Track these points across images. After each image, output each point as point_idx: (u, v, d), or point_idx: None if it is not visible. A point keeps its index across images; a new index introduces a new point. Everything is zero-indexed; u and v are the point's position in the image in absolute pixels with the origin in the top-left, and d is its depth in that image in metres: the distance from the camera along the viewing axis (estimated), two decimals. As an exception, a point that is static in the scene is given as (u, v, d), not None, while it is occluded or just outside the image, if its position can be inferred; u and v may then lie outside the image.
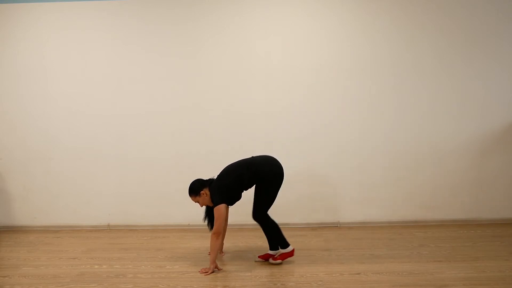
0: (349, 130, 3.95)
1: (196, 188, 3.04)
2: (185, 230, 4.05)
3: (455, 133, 3.91)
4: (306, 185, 4.02)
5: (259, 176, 2.99)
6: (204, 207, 3.20)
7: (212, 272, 2.92)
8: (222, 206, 2.92)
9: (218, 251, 3.02)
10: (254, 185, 3.04)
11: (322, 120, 3.95)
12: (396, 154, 3.95)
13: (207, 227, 3.56)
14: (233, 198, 3.03)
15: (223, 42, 3.94)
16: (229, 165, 3.12)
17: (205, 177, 3.16)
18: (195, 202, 3.10)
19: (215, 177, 3.12)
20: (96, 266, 3.14)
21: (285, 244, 3.06)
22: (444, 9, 3.84)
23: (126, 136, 4.07)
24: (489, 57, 3.84)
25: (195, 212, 4.08)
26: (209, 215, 3.18)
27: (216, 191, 2.98)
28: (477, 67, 3.85)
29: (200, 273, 2.92)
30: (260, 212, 3.01)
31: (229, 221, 3.32)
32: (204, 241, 3.65)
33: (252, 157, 3.15)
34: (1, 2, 4.03)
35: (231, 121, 4.00)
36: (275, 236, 3.06)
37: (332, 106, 3.94)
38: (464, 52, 3.85)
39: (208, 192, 3.03)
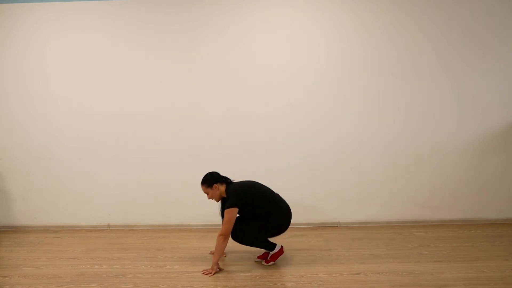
0: (349, 130, 3.95)
1: (210, 180, 3.06)
2: (185, 230, 4.05)
3: (455, 133, 3.91)
4: (306, 185, 4.02)
5: (270, 217, 3.00)
6: (219, 204, 3.20)
7: (215, 273, 2.92)
8: (235, 210, 2.90)
9: (222, 253, 2.99)
10: (256, 217, 3.01)
11: (322, 120, 3.95)
12: (396, 154, 3.95)
13: (207, 227, 3.57)
14: (244, 208, 2.99)
15: (223, 42, 3.94)
16: (258, 182, 3.13)
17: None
18: (205, 193, 3.10)
19: (232, 179, 3.13)
20: (96, 266, 3.14)
21: (272, 246, 3.06)
22: (444, 9, 3.83)
23: (126, 136, 4.07)
24: (489, 56, 3.84)
25: (195, 212, 4.10)
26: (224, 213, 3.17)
27: (234, 193, 2.98)
28: (477, 67, 3.85)
29: (203, 274, 2.92)
30: (243, 236, 3.00)
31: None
32: (204, 241, 3.66)
33: (279, 197, 3.13)
34: (1, 2, 4.03)
35: (231, 121, 4.00)
36: (260, 244, 3.05)
37: (332, 106, 3.94)
38: (464, 51, 3.85)
39: (220, 188, 3.04)
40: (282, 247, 3.09)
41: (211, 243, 3.55)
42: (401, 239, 3.56)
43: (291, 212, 3.12)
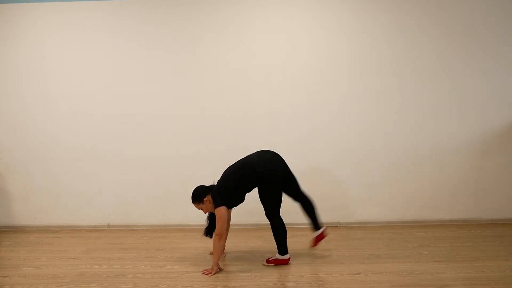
0: (349, 130, 3.95)
1: (199, 195, 3.01)
2: (185, 230, 4.05)
3: (456, 133, 3.91)
4: (306, 185, 4.00)
5: (257, 177, 2.96)
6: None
7: (215, 273, 2.91)
8: (223, 208, 2.91)
9: (221, 252, 2.99)
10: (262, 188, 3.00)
11: (322, 120, 3.96)
12: (396, 154, 3.95)
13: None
14: (234, 200, 3.02)
15: (223, 42, 3.94)
16: (229, 167, 3.10)
17: (206, 177, 3.16)
18: (199, 209, 3.07)
19: (215, 183, 3.10)
20: (96, 266, 3.14)
21: (284, 251, 3.04)
22: (444, 9, 3.84)
23: (126, 136, 4.07)
24: (489, 56, 3.84)
25: (195, 212, 4.08)
26: (211, 222, 3.16)
27: (216, 194, 2.97)
28: (478, 67, 3.86)
29: (203, 274, 2.92)
30: (270, 212, 2.99)
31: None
32: (204, 241, 3.64)
33: (249, 155, 3.10)
34: (1, 2, 4.03)
35: (231, 121, 4.00)
36: (278, 239, 3.03)
37: (332, 106, 3.94)
38: (464, 51, 3.85)
39: (211, 199, 3.00)
40: (289, 258, 3.07)
41: (211, 243, 3.54)
42: (401, 239, 3.56)
43: (272, 157, 3.04)
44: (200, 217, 4.07)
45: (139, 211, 4.14)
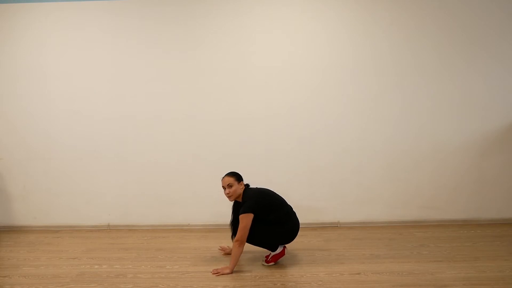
0: (350, 130, 3.95)
1: (239, 176, 3.05)
2: (185, 230, 4.05)
3: (456, 133, 3.91)
4: (306, 185, 4.02)
5: (282, 225, 2.99)
6: (231, 206, 3.18)
7: (222, 274, 2.89)
8: (250, 215, 2.88)
9: (239, 259, 2.96)
10: (267, 223, 3.00)
11: (323, 120, 3.96)
12: (396, 154, 3.96)
13: (207, 227, 3.56)
14: (259, 213, 2.98)
15: (224, 42, 3.94)
16: (273, 191, 3.12)
17: (205, 178, 3.16)
18: (228, 185, 3.00)
19: (248, 183, 3.13)
20: (96, 266, 3.14)
21: (274, 247, 3.04)
22: (445, 9, 3.84)
23: (126, 136, 4.07)
24: (490, 56, 3.84)
25: (195, 212, 4.10)
26: (235, 218, 3.13)
27: (252, 198, 2.96)
28: (478, 67, 3.86)
29: (213, 274, 2.90)
30: (252, 238, 2.98)
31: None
32: (204, 241, 3.65)
33: (291, 208, 3.13)
34: (1, 2, 4.03)
35: (231, 122, 4.00)
36: (262, 245, 3.03)
37: (332, 106, 3.94)
38: (465, 51, 3.85)
39: (243, 187, 3.04)
40: (284, 248, 3.08)
41: (211, 243, 3.56)
42: (401, 239, 3.56)
43: (299, 224, 3.12)
44: (200, 217, 4.08)
45: (139, 211, 4.14)
